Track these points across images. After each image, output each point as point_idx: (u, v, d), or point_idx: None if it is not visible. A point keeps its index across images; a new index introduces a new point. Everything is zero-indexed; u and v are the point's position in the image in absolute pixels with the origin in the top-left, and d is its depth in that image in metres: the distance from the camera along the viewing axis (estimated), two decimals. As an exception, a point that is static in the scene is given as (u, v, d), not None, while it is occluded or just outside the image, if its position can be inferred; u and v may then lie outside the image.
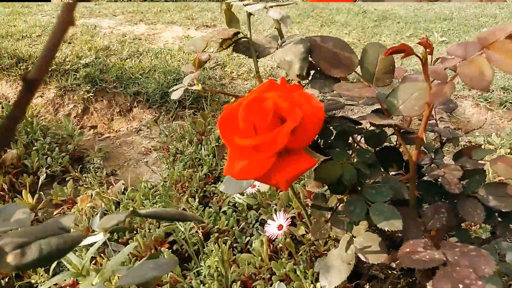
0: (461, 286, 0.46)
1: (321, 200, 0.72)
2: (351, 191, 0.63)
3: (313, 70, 0.66)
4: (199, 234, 1.05)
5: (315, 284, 0.84)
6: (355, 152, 0.65)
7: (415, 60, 2.21)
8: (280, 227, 0.85)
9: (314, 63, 0.64)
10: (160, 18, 2.97)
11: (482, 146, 1.39)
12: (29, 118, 1.67)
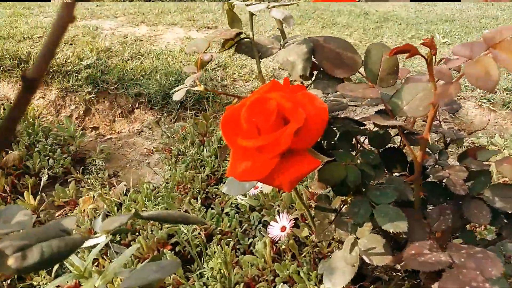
0: (467, 288, 0.46)
1: (324, 201, 0.71)
2: (355, 193, 0.62)
3: (316, 71, 0.65)
4: (202, 236, 1.04)
5: (319, 286, 0.83)
6: (359, 153, 0.65)
7: (417, 61, 2.21)
8: (283, 229, 0.84)
9: (317, 64, 0.64)
10: (161, 20, 2.97)
11: (486, 147, 1.38)
12: (30, 119, 1.67)
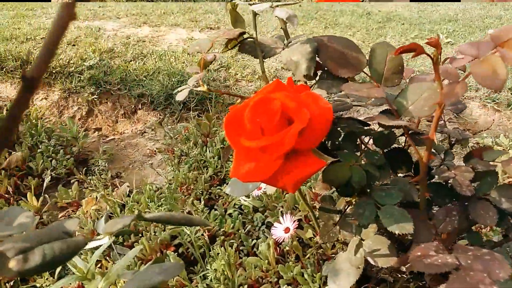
0: (475, 291, 0.45)
1: (329, 202, 0.71)
2: (360, 194, 0.62)
3: (320, 71, 0.65)
4: (205, 237, 1.04)
5: None
6: (364, 153, 0.64)
7: (421, 61, 2.20)
8: (287, 230, 0.84)
9: (321, 63, 0.63)
10: (164, 21, 2.97)
11: (492, 147, 1.37)
12: (33, 120, 1.67)
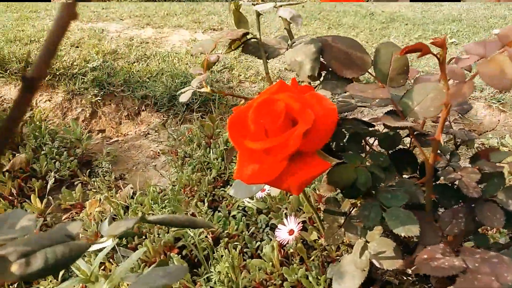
0: (483, 294, 0.44)
1: (333, 204, 0.70)
2: (365, 195, 0.61)
3: (324, 71, 0.64)
4: (209, 239, 1.03)
5: (328, 290, 0.82)
6: (369, 155, 0.63)
7: (425, 61, 2.19)
8: (291, 232, 0.83)
9: (326, 64, 0.63)
10: (167, 22, 2.97)
11: (498, 148, 1.36)
12: (37, 122, 1.67)
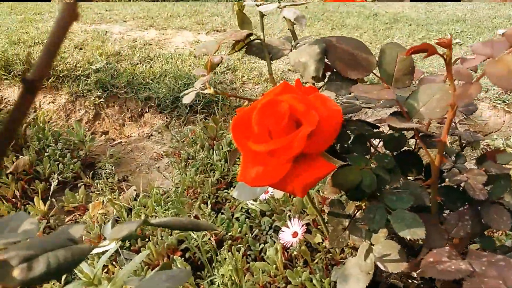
0: (491, 298, 0.44)
1: (338, 207, 0.69)
2: (370, 198, 0.60)
3: (329, 72, 0.64)
4: (212, 242, 1.03)
5: (332, 293, 0.81)
6: (373, 156, 0.63)
7: (428, 62, 2.18)
8: (295, 235, 0.82)
9: (330, 65, 0.62)
10: (170, 23, 2.97)
11: (504, 149, 1.35)
12: (41, 124, 1.67)
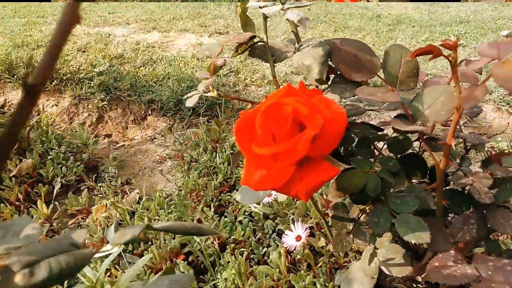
0: (498, 304, 0.43)
1: (342, 210, 0.69)
2: (374, 201, 0.60)
3: (332, 75, 0.63)
4: (215, 245, 1.02)
5: (336, 297, 0.81)
6: (378, 159, 0.62)
7: (432, 64, 2.17)
8: (298, 238, 0.82)
9: (334, 67, 0.62)
10: (173, 26, 2.97)
11: (510, 152, 1.34)
12: (44, 127, 1.67)
